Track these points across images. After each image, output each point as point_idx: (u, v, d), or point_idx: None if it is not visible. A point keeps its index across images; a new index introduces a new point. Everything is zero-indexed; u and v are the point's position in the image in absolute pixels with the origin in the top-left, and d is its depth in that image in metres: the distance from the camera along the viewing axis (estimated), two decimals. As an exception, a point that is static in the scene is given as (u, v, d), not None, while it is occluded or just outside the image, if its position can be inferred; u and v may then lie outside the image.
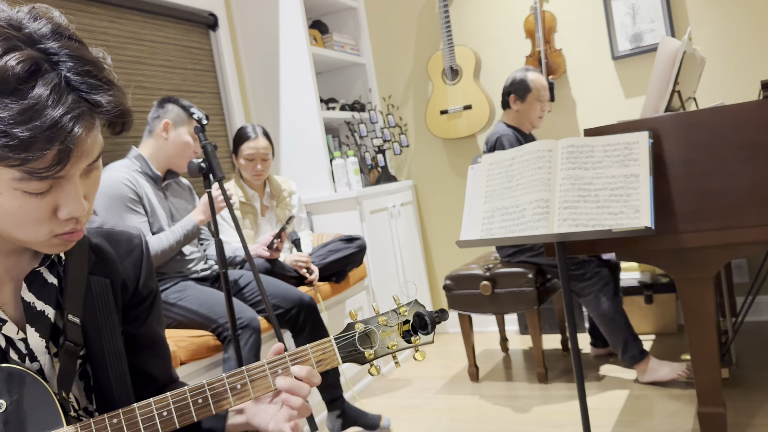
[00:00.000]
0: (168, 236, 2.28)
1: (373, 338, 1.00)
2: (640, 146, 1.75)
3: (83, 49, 0.77)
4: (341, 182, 3.48)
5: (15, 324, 0.87)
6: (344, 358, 0.99)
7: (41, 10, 0.78)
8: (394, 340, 1.01)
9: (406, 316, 1.02)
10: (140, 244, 1.02)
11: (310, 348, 0.98)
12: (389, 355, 1.02)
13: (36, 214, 0.77)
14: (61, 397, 0.86)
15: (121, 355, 0.95)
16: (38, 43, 0.74)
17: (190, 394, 0.91)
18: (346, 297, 3.14)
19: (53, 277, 0.91)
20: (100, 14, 2.80)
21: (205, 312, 2.26)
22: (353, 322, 1.01)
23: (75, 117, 0.73)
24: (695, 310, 1.91)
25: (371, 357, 0.99)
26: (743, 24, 3.19)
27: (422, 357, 1.02)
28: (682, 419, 2.30)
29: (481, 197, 1.90)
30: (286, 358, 0.97)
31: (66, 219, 0.79)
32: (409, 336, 1.01)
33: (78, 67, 0.75)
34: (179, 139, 2.41)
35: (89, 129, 0.76)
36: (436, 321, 1.01)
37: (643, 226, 1.63)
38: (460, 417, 2.67)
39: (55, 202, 0.78)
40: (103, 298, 0.94)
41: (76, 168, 0.77)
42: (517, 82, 2.99)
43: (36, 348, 0.88)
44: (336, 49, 3.81)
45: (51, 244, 0.81)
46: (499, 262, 3.00)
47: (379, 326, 1.01)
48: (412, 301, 1.04)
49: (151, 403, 0.89)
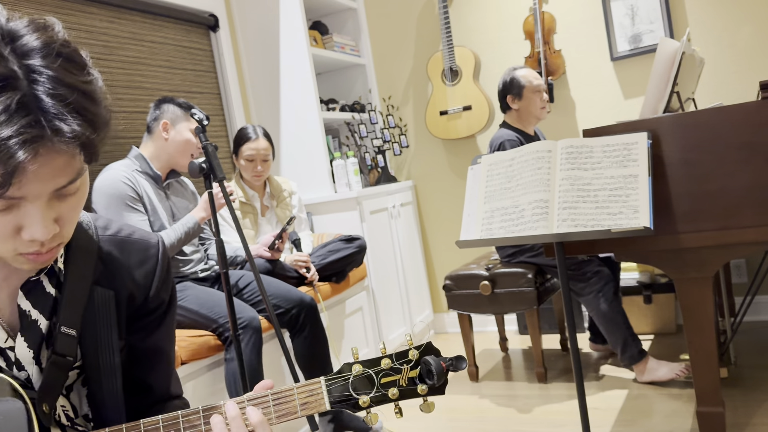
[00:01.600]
0: (169, 234, 2.29)
1: (371, 383, 0.89)
2: (639, 147, 1.76)
3: (69, 70, 0.74)
4: (341, 183, 3.49)
5: (6, 331, 0.86)
6: (333, 403, 0.88)
7: (43, 23, 0.75)
8: (396, 388, 0.89)
9: (415, 361, 0.90)
10: (156, 253, 0.98)
11: (297, 388, 0.89)
12: (388, 403, 0.90)
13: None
14: (40, 410, 0.83)
15: (116, 371, 0.92)
16: (23, 58, 0.71)
17: (162, 424, 0.86)
18: (346, 297, 3.14)
19: (52, 287, 0.89)
20: (99, 15, 2.80)
21: (206, 312, 2.27)
22: (351, 363, 0.90)
23: (22, 141, 0.68)
24: (694, 310, 1.91)
25: (365, 405, 0.88)
26: (742, 25, 3.20)
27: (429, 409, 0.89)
28: (681, 419, 2.31)
29: (481, 198, 1.91)
30: (269, 397, 0.88)
31: (29, 240, 0.76)
32: (415, 384, 0.89)
33: (52, 89, 0.71)
34: (179, 137, 2.42)
35: (44, 155, 0.71)
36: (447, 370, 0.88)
37: (642, 226, 1.64)
38: (460, 416, 2.68)
39: (18, 221, 0.75)
40: (104, 310, 0.91)
41: (37, 191, 0.73)
42: (508, 83, 3.00)
43: (23, 357, 0.85)
44: (336, 50, 3.81)
45: (17, 261, 0.79)
46: (499, 263, 3.01)
47: (381, 370, 0.89)
48: (424, 344, 0.92)
49: (140, 425, 0.86)
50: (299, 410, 0.87)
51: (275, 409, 0.88)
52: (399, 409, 0.91)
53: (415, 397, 0.89)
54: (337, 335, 3.00)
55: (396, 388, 0.89)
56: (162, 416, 0.87)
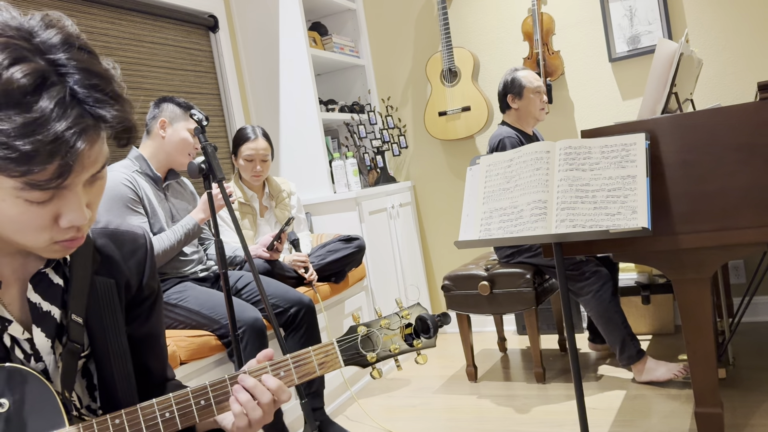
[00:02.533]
0: (169, 236, 2.29)
1: (375, 341, 1.01)
2: (637, 148, 1.77)
3: (92, 60, 0.77)
4: (340, 183, 3.49)
5: (20, 324, 0.88)
6: (346, 361, 0.99)
7: (54, 18, 0.77)
8: (396, 344, 1.02)
9: (408, 320, 1.03)
10: (144, 243, 1.03)
11: (313, 350, 0.98)
12: (391, 358, 1.02)
13: (37, 222, 0.77)
14: (63, 397, 0.86)
15: (126, 355, 0.96)
16: (47, 54, 0.74)
17: (193, 396, 0.91)
18: (345, 297, 3.15)
19: (59, 277, 0.92)
20: (100, 15, 2.81)
21: (208, 312, 2.27)
22: (355, 325, 1.02)
23: (78, 132, 0.72)
24: (692, 311, 1.92)
25: (373, 360, 1.00)
26: (740, 26, 3.21)
27: (424, 360, 1.02)
28: (679, 419, 2.31)
29: (480, 198, 1.91)
30: (289, 360, 0.97)
31: (67, 227, 0.79)
32: (411, 339, 1.02)
33: (85, 80, 0.74)
34: (177, 136, 2.42)
35: (93, 142, 0.76)
36: (438, 324, 1.01)
37: (640, 227, 1.64)
38: (459, 417, 2.68)
39: (57, 210, 0.78)
40: (108, 298, 0.95)
41: (79, 179, 0.77)
42: (509, 82, 3.01)
43: (42, 348, 0.88)
44: (335, 50, 3.82)
45: (51, 250, 0.82)
46: (498, 263, 3.02)
47: (381, 329, 1.01)
48: (414, 305, 1.05)
49: (154, 404, 0.89)
50: (317, 369, 0.98)
51: (296, 370, 0.97)
52: (399, 362, 1.04)
53: (413, 351, 1.03)
54: (336, 335, 3.00)
55: (396, 344, 1.02)
56: (190, 389, 0.93)
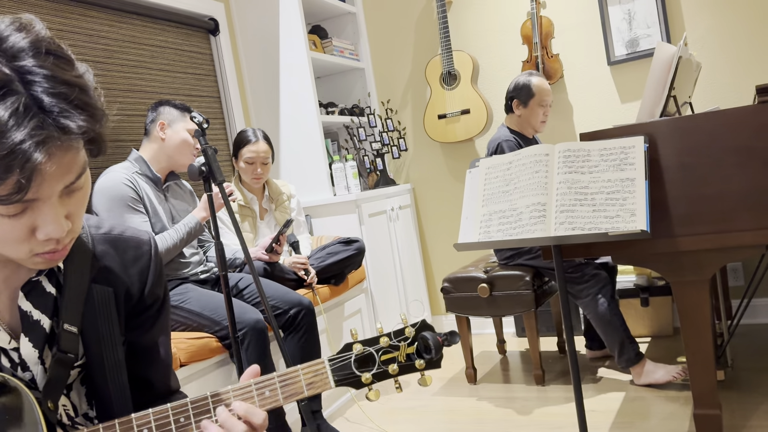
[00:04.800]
0: (172, 234, 2.30)
1: (372, 361, 0.93)
2: (636, 150, 1.77)
3: (61, 66, 0.73)
4: (340, 186, 3.50)
5: (8, 333, 0.86)
6: (338, 381, 0.92)
7: (25, 21, 0.74)
8: (396, 365, 0.94)
9: (412, 338, 0.95)
10: (149, 250, 0.99)
11: (302, 369, 0.92)
12: (389, 379, 0.95)
13: (13, 235, 0.75)
14: (45, 407, 0.83)
15: (121, 366, 0.93)
16: (13, 60, 0.70)
17: (172, 412, 0.88)
18: (345, 300, 3.15)
19: (52, 286, 0.89)
20: (100, 18, 2.82)
21: (210, 314, 2.27)
22: (351, 343, 0.94)
23: (35, 144, 0.68)
24: (691, 313, 1.92)
25: (368, 381, 0.93)
26: (739, 29, 3.22)
27: (427, 383, 0.94)
28: (678, 421, 2.32)
29: (479, 201, 1.92)
30: (275, 379, 0.91)
31: (45, 240, 0.76)
32: (413, 359, 0.94)
33: (51, 88, 0.70)
34: (176, 137, 2.43)
35: (54, 154, 0.71)
36: (443, 345, 0.93)
37: (639, 229, 1.65)
38: (458, 419, 2.69)
39: (32, 223, 0.75)
40: (104, 307, 0.92)
41: (51, 190, 0.74)
42: (520, 86, 2.99)
43: (28, 358, 0.86)
44: (335, 53, 3.83)
45: (33, 261, 0.79)
46: (497, 265, 3.02)
47: (380, 347, 0.94)
48: (419, 322, 0.97)
49: (132, 419, 0.86)
50: (305, 390, 0.91)
51: (282, 390, 0.91)
52: (399, 384, 0.96)
53: (414, 372, 0.94)
54: (335, 338, 3.01)
55: (396, 364, 0.93)
56: (171, 404, 0.88)
